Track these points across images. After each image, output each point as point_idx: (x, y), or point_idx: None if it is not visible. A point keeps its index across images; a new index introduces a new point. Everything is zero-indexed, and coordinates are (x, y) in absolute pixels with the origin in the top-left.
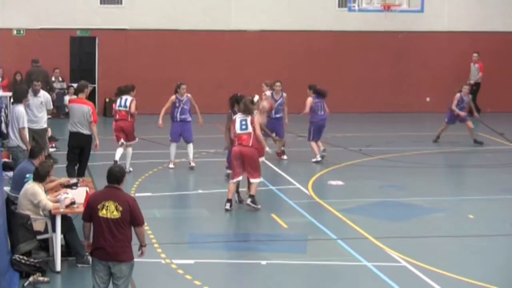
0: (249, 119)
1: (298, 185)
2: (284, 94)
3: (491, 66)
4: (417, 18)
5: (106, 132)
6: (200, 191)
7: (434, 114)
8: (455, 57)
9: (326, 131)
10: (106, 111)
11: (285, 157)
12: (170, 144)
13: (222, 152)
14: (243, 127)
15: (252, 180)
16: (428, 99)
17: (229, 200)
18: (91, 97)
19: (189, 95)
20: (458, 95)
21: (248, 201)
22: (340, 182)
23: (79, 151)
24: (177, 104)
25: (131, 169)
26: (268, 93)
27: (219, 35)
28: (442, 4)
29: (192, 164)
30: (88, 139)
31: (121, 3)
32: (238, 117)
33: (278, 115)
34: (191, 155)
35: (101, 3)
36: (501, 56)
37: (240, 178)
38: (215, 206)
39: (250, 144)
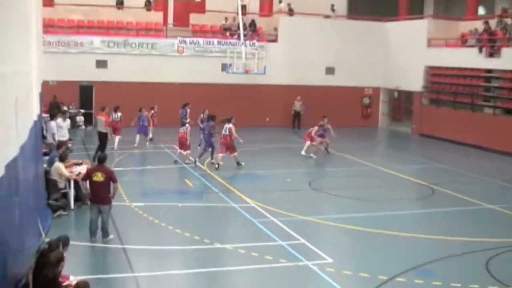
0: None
1: (199, 164)
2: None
3: (309, 103)
4: (262, 76)
5: (93, 139)
6: (149, 167)
7: (272, 128)
8: (285, 99)
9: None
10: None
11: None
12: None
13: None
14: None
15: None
16: (267, 119)
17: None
18: (90, 116)
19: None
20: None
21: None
22: (221, 162)
23: (101, 139)
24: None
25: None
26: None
27: (156, 86)
28: (274, 70)
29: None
30: (105, 134)
31: (106, 67)
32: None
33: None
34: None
35: (96, 67)
36: (311, 99)
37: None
38: (161, 177)
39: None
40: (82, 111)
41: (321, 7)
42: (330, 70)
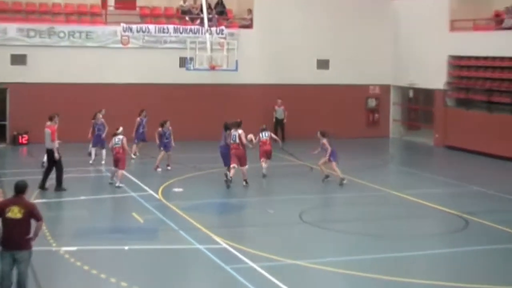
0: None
1: (151, 192)
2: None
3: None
4: (234, 74)
5: (15, 158)
6: (82, 197)
7: None
8: (263, 102)
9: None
10: (15, 140)
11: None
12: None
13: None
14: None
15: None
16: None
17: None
18: (3, 129)
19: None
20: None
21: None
22: (181, 189)
23: (49, 159)
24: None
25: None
26: None
27: (90, 87)
28: (249, 65)
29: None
30: (51, 151)
31: (25, 64)
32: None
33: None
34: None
35: (10, 64)
36: (299, 102)
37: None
38: (101, 210)
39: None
40: None
41: None
42: (323, 64)
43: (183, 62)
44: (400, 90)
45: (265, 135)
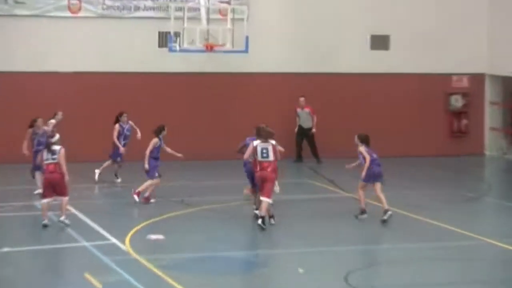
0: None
1: (114, 240)
2: (131, 122)
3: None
4: (241, 57)
5: None
6: (6, 249)
7: None
8: (285, 101)
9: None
10: None
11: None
12: None
13: None
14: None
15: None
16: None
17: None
18: None
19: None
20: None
21: (259, 221)
22: (160, 236)
23: None
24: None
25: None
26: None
27: (22, 78)
28: (265, 44)
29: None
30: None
31: None
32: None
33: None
34: None
35: None
36: (340, 101)
37: None
38: (25, 268)
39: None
40: None
41: None
42: (379, 41)
43: (164, 39)
44: (502, 83)
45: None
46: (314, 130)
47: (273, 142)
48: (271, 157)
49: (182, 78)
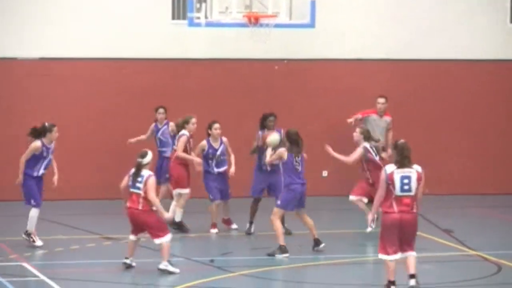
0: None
1: None
2: (224, 139)
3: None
4: (305, 37)
5: None
6: None
7: (335, 198)
8: (363, 97)
9: None
10: None
11: (234, 226)
12: None
13: None
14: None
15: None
16: (325, 173)
17: (393, 283)
18: None
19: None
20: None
21: (412, 282)
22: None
23: None
24: None
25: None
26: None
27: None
28: (340, 15)
29: None
30: None
31: None
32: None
33: (221, 169)
34: None
35: None
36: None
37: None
38: None
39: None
40: None
41: None
42: None
43: (180, 8)
44: None
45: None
46: (390, 143)
47: (417, 168)
48: (413, 190)
49: (208, 66)
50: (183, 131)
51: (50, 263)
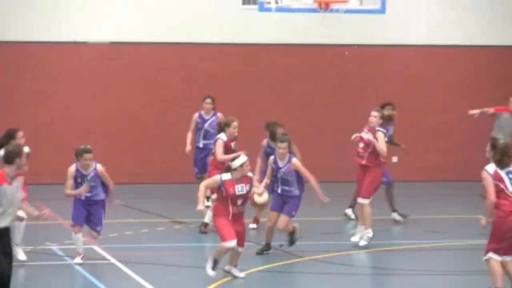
0: None
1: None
2: (219, 114)
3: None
4: (375, 23)
5: None
6: None
7: (407, 184)
8: (434, 88)
9: None
10: None
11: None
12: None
13: None
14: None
15: None
16: (395, 158)
17: None
18: None
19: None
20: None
21: None
22: (241, 274)
23: None
24: None
25: None
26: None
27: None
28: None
29: None
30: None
31: None
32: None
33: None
34: None
35: None
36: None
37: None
38: None
39: None
40: None
41: None
42: None
43: None
44: None
45: None
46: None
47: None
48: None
49: (278, 51)
50: (221, 135)
51: (120, 247)
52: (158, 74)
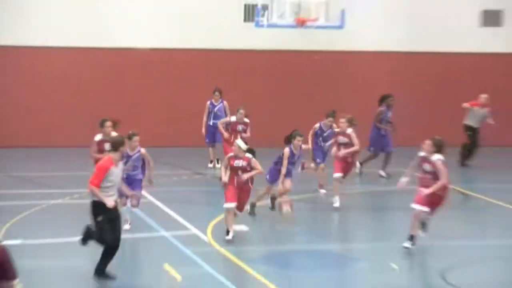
0: None
1: (195, 231)
2: (225, 102)
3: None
4: (338, 33)
5: None
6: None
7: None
8: (380, 82)
9: None
10: None
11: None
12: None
13: None
14: None
15: None
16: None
17: None
18: None
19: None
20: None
21: None
22: (244, 227)
23: None
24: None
25: None
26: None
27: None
28: (366, 17)
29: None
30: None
31: None
32: None
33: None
34: None
35: None
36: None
37: None
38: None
39: None
40: None
41: None
42: (490, 17)
43: (250, 12)
44: None
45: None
46: (491, 122)
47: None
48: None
49: (268, 56)
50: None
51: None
52: (182, 72)
